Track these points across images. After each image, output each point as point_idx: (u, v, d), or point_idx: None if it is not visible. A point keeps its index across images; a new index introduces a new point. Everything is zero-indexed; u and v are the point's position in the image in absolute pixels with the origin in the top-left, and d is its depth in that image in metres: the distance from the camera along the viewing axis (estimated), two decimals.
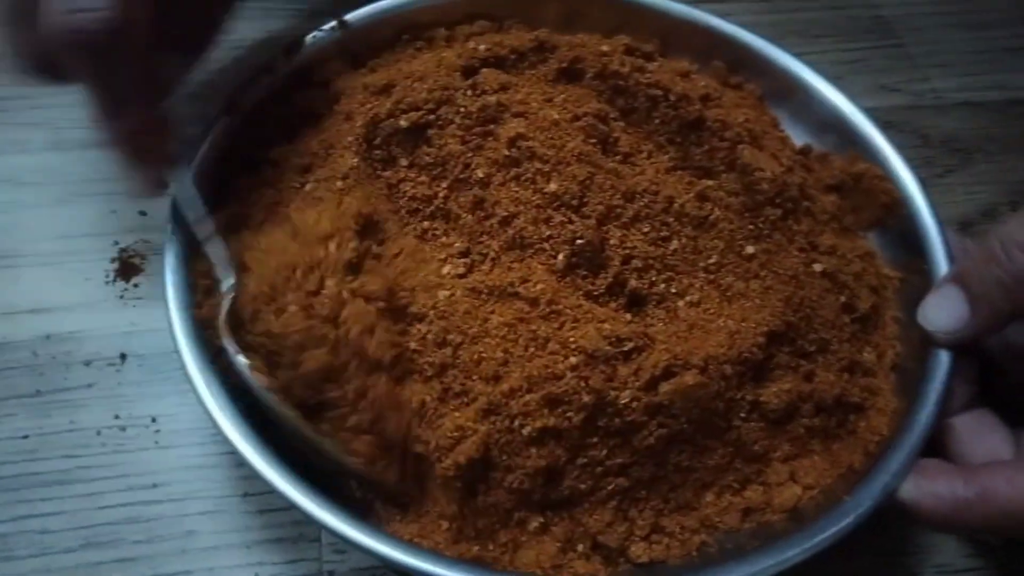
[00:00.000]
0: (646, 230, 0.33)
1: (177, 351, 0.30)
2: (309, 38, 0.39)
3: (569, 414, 0.29)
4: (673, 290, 0.33)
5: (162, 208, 0.34)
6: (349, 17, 0.40)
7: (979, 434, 0.31)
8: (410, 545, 0.29)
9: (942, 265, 0.34)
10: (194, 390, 0.30)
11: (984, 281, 0.31)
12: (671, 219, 0.33)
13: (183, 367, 0.30)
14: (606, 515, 0.30)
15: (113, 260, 0.40)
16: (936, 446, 0.31)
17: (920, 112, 0.49)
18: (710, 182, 0.35)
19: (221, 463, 0.35)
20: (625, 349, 0.30)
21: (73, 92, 0.45)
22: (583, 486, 0.30)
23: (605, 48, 0.38)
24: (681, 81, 0.37)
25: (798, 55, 0.41)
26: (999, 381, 0.33)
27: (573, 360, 0.29)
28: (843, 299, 0.34)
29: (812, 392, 0.32)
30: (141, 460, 0.35)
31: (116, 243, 0.40)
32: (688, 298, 0.33)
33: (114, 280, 0.39)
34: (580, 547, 0.30)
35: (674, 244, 0.33)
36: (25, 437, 0.35)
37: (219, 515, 0.34)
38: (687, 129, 0.36)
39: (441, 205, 0.34)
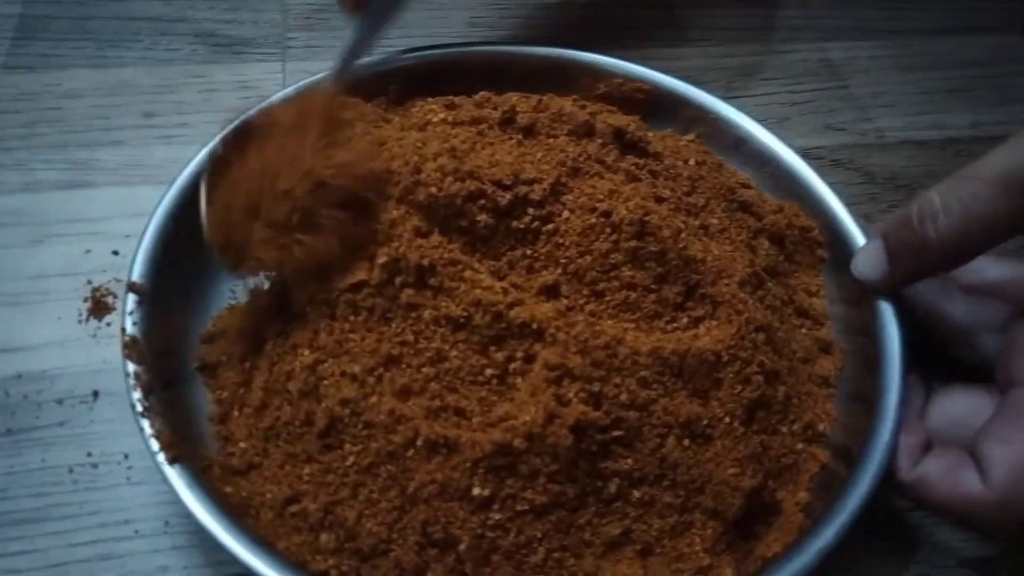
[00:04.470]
0: None
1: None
2: None
3: None
4: None
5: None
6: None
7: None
8: None
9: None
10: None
11: (898, 241, 0.34)
12: None
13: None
14: None
15: (86, 299, 0.40)
16: None
17: (865, 150, 0.52)
18: None
19: None
20: None
21: (45, 134, 0.47)
22: None
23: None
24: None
25: (742, 97, 0.43)
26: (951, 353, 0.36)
27: None
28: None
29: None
30: (113, 497, 0.35)
31: (89, 282, 0.41)
32: None
33: (87, 319, 0.40)
34: None
35: None
36: None
37: (191, 550, 0.34)
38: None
39: None
